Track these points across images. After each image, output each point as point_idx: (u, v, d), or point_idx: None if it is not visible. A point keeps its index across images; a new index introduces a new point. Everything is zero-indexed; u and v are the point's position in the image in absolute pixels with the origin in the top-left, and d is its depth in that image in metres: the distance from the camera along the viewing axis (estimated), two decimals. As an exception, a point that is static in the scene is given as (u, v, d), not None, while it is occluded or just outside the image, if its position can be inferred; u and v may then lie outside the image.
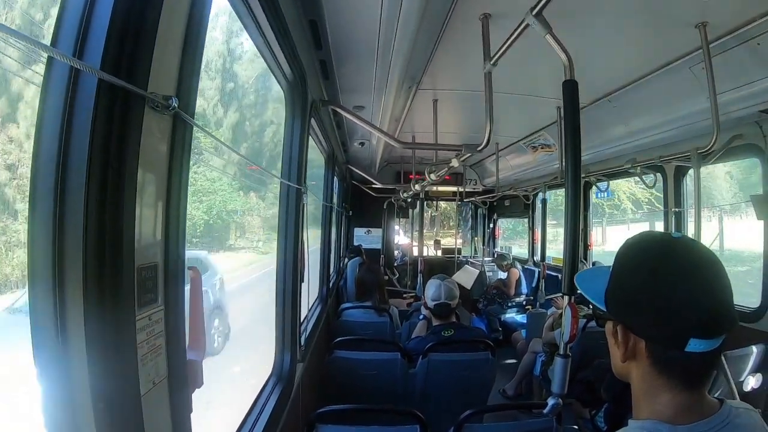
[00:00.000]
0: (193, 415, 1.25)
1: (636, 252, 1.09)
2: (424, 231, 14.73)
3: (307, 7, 2.50)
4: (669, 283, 0.98)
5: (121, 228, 0.91)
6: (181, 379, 1.17)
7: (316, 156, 5.32)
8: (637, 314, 1.03)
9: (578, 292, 1.26)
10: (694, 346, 0.95)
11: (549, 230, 7.89)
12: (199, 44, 1.16)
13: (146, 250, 1.02)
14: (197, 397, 1.27)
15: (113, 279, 0.90)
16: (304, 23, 2.66)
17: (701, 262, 1.00)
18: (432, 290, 3.82)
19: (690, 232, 4.26)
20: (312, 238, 3.34)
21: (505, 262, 8.15)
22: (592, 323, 4.06)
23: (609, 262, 1.15)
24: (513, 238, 15.34)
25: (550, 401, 2.24)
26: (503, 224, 11.72)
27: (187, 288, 1.20)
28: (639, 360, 1.04)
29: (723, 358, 2.57)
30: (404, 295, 7.42)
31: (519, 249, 11.33)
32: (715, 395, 1.03)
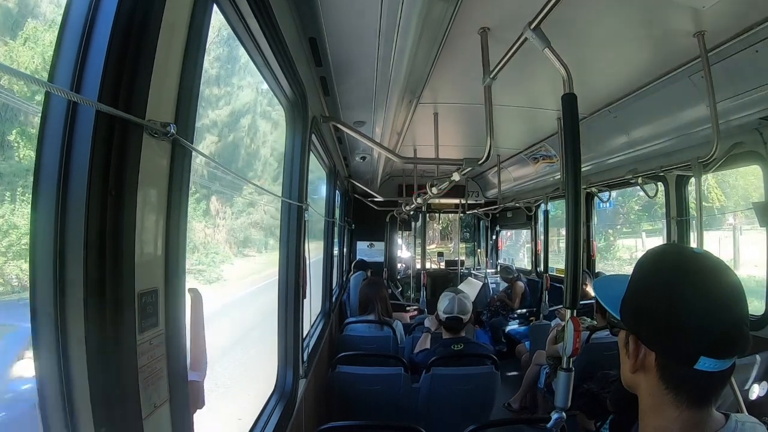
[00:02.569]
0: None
1: (656, 264, 1.07)
2: (434, 245, 14.66)
3: (306, 25, 2.52)
4: (685, 300, 0.97)
5: (121, 254, 0.91)
6: (183, 400, 1.17)
7: (317, 170, 5.33)
8: (649, 326, 1.01)
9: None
10: (705, 364, 0.94)
11: (553, 241, 7.88)
12: (197, 70, 1.17)
13: (146, 276, 1.02)
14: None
15: (114, 305, 0.90)
16: (303, 41, 2.67)
17: (720, 282, 0.98)
18: (445, 303, 3.82)
19: (693, 241, 4.26)
20: (314, 252, 3.34)
21: (510, 276, 8.10)
22: (596, 335, 4.05)
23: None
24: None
25: (554, 415, 2.22)
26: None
27: (188, 310, 1.19)
28: (648, 373, 1.03)
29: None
30: (407, 308, 7.40)
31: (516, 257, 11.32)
32: (720, 403, 1.02)
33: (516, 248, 12.49)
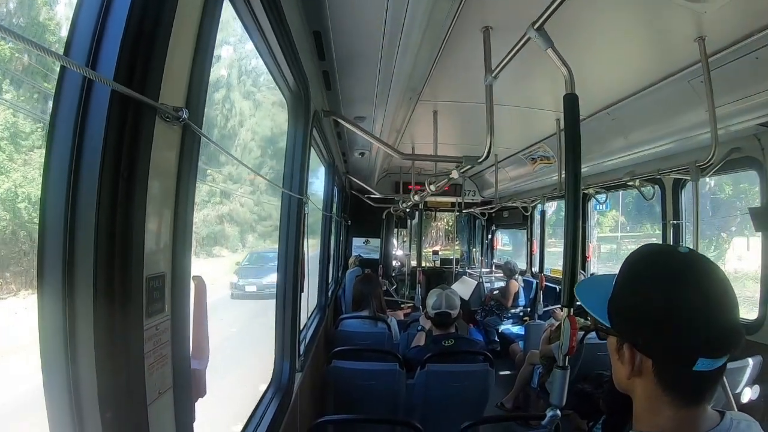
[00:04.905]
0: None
1: (643, 266, 1.08)
2: (438, 246, 14.65)
3: (311, 18, 2.52)
4: (682, 303, 0.97)
5: (131, 238, 0.91)
6: (186, 388, 1.17)
7: (315, 165, 5.33)
8: (644, 333, 1.01)
9: (578, 303, 1.25)
10: (702, 365, 0.94)
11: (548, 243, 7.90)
12: (208, 56, 1.17)
13: (155, 260, 1.02)
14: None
15: (122, 289, 0.90)
16: (308, 34, 2.68)
17: (710, 280, 0.99)
18: (433, 299, 3.85)
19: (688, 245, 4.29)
20: (310, 247, 3.34)
21: (514, 273, 8.02)
22: (590, 335, 4.06)
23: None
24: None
25: (549, 413, 2.24)
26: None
27: (191, 297, 1.20)
28: (644, 377, 1.03)
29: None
30: (402, 306, 7.41)
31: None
32: (712, 406, 1.03)
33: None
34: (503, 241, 13.34)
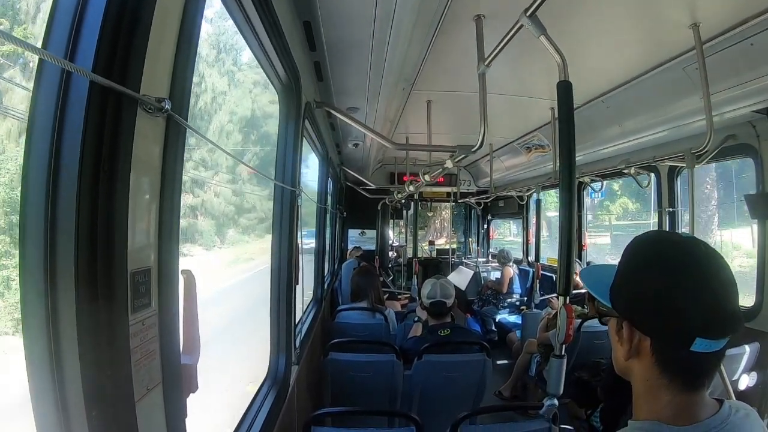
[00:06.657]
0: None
1: (646, 249, 1.08)
2: (443, 239, 14.70)
3: (301, 8, 2.50)
4: (678, 282, 0.97)
5: (113, 232, 0.89)
6: (176, 383, 1.16)
7: (309, 157, 5.31)
8: (643, 311, 1.02)
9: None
10: (700, 345, 0.94)
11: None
12: (192, 46, 1.15)
13: (139, 255, 1.00)
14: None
15: (106, 284, 0.88)
16: (298, 24, 2.65)
17: (710, 264, 0.99)
18: (428, 289, 3.86)
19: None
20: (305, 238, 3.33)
21: (507, 261, 7.99)
22: (587, 324, 4.07)
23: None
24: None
25: (546, 402, 2.24)
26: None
27: (181, 291, 1.18)
28: (642, 358, 1.03)
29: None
30: (399, 296, 7.40)
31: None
32: (708, 393, 1.03)
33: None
34: (513, 231, 13.29)
